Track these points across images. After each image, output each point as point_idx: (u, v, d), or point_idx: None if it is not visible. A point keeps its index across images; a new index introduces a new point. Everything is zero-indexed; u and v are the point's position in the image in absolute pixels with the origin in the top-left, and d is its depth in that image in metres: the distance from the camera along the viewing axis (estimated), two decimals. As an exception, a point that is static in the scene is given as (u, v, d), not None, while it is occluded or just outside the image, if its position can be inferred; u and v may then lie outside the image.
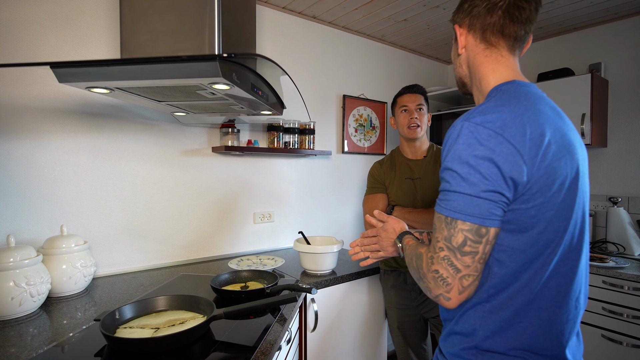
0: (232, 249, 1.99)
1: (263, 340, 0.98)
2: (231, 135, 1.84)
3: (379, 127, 2.63)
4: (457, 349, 0.71)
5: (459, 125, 0.66)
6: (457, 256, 0.63)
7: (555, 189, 0.64)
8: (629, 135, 2.19)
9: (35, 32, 1.40)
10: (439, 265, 0.65)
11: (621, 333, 1.69)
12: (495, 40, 0.76)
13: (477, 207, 0.61)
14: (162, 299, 1.11)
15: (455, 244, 0.63)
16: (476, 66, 0.79)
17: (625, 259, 1.94)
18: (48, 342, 0.96)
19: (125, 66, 0.95)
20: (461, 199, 0.63)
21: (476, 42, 0.78)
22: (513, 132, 0.62)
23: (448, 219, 0.64)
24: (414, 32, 2.46)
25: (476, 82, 0.80)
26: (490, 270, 0.67)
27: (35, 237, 1.41)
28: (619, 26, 2.22)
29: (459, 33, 0.81)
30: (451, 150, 0.65)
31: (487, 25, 0.75)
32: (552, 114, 0.69)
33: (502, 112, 0.64)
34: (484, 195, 0.61)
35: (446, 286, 0.64)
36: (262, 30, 2.03)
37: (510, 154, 0.61)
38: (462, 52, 0.82)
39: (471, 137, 0.63)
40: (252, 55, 1.02)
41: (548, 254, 0.65)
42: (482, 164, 0.61)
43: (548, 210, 0.64)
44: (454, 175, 0.64)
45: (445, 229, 0.64)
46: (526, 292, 0.66)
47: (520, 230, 0.65)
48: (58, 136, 1.47)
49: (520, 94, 0.69)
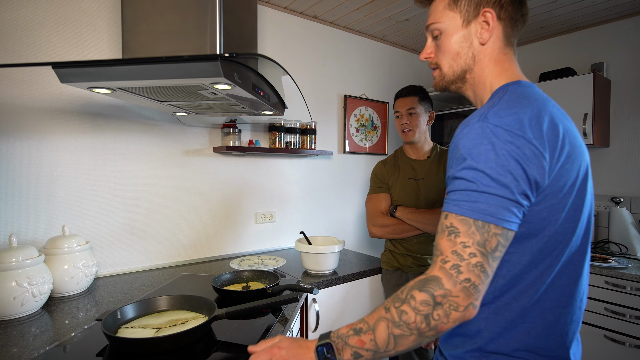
0: (234, 249, 1.99)
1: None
2: (232, 136, 1.84)
3: (381, 127, 2.63)
4: (460, 351, 0.70)
5: (476, 126, 0.62)
6: (490, 262, 0.58)
7: (567, 191, 0.63)
8: (632, 135, 2.18)
9: (37, 33, 1.40)
10: (470, 273, 0.57)
11: (624, 334, 1.68)
12: (514, 39, 0.73)
13: (508, 211, 0.58)
14: (163, 299, 1.11)
15: (490, 249, 0.58)
16: (487, 62, 0.72)
17: (627, 259, 1.93)
18: (50, 342, 0.96)
19: (126, 66, 0.95)
20: (492, 201, 0.58)
21: (500, 37, 0.71)
22: (533, 134, 0.60)
23: (479, 222, 0.58)
24: (416, 32, 2.45)
25: (480, 78, 0.74)
26: (499, 272, 0.65)
27: (37, 237, 1.42)
28: (622, 25, 2.22)
29: (490, 17, 0.70)
30: (472, 151, 0.61)
31: (519, 17, 0.71)
32: (561, 115, 0.68)
33: (518, 114, 0.61)
34: (514, 197, 0.58)
35: (477, 293, 0.58)
36: (264, 30, 2.03)
37: (534, 155, 0.59)
38: (485, 41, 0.71)
39: (493, 137, 0.59)
40: (253, 55, 1.02)
41: (555, 255, 0.64)
42: (511, 165, 0.58)
43: (559, 212, 0.63)
44: (480, 175, 0.59)
45: (478, 233, 0.58)
46: (531, 293, 0.65)
47: (531, 232, 0.63)
48: (60, 136, 1.47)
49: (528, 95, 0.67)
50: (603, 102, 2.17)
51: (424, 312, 0.58)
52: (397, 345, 0.61)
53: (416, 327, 0.59)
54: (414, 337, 0.60)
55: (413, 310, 0.59)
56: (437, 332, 0.59)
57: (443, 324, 0.58)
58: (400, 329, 0.60)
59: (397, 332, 0.60)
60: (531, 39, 2.60)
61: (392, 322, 0.61)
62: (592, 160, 2.34)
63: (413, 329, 0.59)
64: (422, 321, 0.59)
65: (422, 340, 0.60)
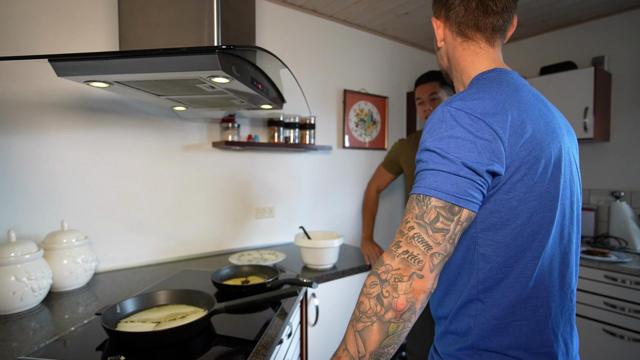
0: (233, 244, 1.99)
1: (264, 334, 0.98)
2: (231, 130, 1.83)
3: (380, 121, 2.62)
4: (452, 349, 0.70)
5: (439, 110, 0.64)
6: (429, 232, 0.58)
7: (538, 179, 0.63)
8: (632, 129, 2.17)
9: (33, 26, 1.39)
10: (408, 245, 0.58)
11: (623, 327, 1.69)
12: (471, 33, 0.74)
13: (455, 185, 0.58)
14: (163, 293, 1.11)
15: (428, 220, 0.58)
16: (456, 59, 0.77)
17: (627, 253, 1.94)
18: (50, 336, 0.96)
19: (123, 59, 0.94)
20: (438, 176, 0.59)
21: (453, 35, 0.76)
22: (495, 118, 0.60)
23: (420, 196, 0.60)
24: (415, 26, 2.43)
25: (457, 74, 0.79)
26: (477, 266, 0.66)
27: (36, 233, 1.42)
28: (623, 18, 2.20)
29: (436, 26, 0.80)
30: (431, 133, 0.63)
31: (461, 19, 0.73)
32: (535, 100, 0.67)
33: (483, 99, 0.62)
34: (462, 173, 0.58)
35: (418, 263, 0.57)
36: (262, 24, 2.01)
37: (493, 139, 0.59)
38: (441, 45, 0.80)
39: (452, 121, 0.61)
40: (251, 47, 1.01)
41: (535, 246, 0.64)
42: (466, 146, 0.59)
43: (530, 200, 0.63)
44: (432, 155, 0.61)
45: (417, 206, 0.60)
46: (517, 288, 0.64)
47: (503, 222, 0.63)
48: (58, 131, 1.46)
49: (502, 80, 0.67)
50: (604, 96, 2.16)
51: (375, 293, 0.58)
52: (366, 342, 0.58)
53: (373, 312, 0.58)
54: (377, 326, 0.57)
55: (366, 296, 0.59)
56: (395, 311, 0.57)
57: (395, 299, 0.57)
58: (361, 321, 0.59)
59: (359, 327, 0.59)
60: (532, 33, 2.58)
61: (355, 319, 0.60)
62: (593, 155, 2.33)
63: (371, 316, 0.58)
64: (375, 303, 0.58)
65: (387, 327, 0.57)
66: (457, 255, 0.69)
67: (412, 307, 0.57)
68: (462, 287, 0.69)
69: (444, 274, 0.73)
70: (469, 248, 0.67)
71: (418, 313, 0.59)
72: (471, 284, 0.67)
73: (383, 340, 0.58)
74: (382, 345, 0.58)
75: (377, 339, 0.58)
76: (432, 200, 0.59)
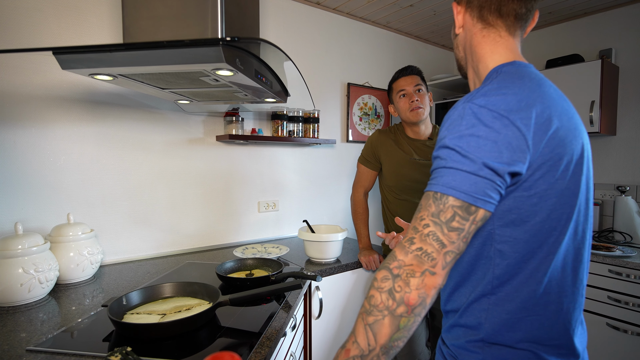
0: (237, 238, 1.99)
1: (268, 326, 0.99)
2: (235, 124, 1.83)
3: (384, 115, 2.61)
4: (462, 341, 0.70)
5: (460, 106, 0.62)
6: (444, 231, 0.58)
7: (559, 176, 0.62)
8: (639, 123, 2.15)
9: (37, 19, 1.39)
10: (422, 242, 0.58)
11: (626, 322, 1.69)
12: (492, 19, 0.71)
13: (474, 185, 0.57)
14: (168, 285, 1.12)
15: (444, 219, 0.58)
16: (473, 47, 0.74)
17: (632, 247, 1.93)
18: (57, 327, 0.98)
19: (127, 52, 0.94)
20: (457, 175, 0.58)
21: (473, 21, 0.73)
22: (518, 115, 0.58)
23: (438, 194, 0.59)
24: (420, 19, 2.41)
25: (473, 64, 0.76)
26: (493, 262, 0.65)
27: (42, 225, 1.43)
28: (631, 10, 2.16)
29: (457, 11, 0.77)
30: (451, 130, 0.61)
31: (484, 3, 0.71)
32: (557, 96, 0.66)
33: (506, 95, 0.60)
34: (482, 173, 0.57)
35: (431, 261, 0.57)
36: (266, 17, 2.00)
37: (515, 137, 0.58)
38: (459, 31, 0.77)
39: (474, 118, 0.59)
40: (255, 39, 1.01)
41: (552, 242, 0.63)
42: (487, 145, 0.57)
43: (551, 197, 0.62)
44: (452, 153, 0.59)
45: (434, 204, 0.59)
46: (532, 283, 0.64)
47: (522, 219, 0.62)
48: (63, 125, 1.47)
49: (523, 75, 0.65)
50: (611, 90, 2.14)
51: (387, 288, 0.58)
52: (377, 335, 0.58)
53: (385, 306, 0.58)
54: (388, 319, 0.57)
55: (377, 290, 0.59)
56: (407, 305, 0.57)
57: (407, 294, 0.57)
58: (372, 314, 0.59)
59: (370, 320, 0.58)
60: (538, 25, 2.55)
61: (365, 312, 0.60)
62: (598, 149, 2.31)
63: (383, 310, 0.58)
64: (387, 298, 0.58)
65: (398, 321, 0.57)
66: (470, 252, 0.68)
67: (424, 302, 0.57)
68: (476, 283, 0.68)
69: (456, 269, 0.72)
70: (485, 244, 0.66)
71: (428, 307, 0.59)
72: (487, 279, 0.66)
73: (394, 334, 0.58)
74: (392, 339, 0.58)
75: (388, 332, 0.58)
76: (449, 199, 0.58)
